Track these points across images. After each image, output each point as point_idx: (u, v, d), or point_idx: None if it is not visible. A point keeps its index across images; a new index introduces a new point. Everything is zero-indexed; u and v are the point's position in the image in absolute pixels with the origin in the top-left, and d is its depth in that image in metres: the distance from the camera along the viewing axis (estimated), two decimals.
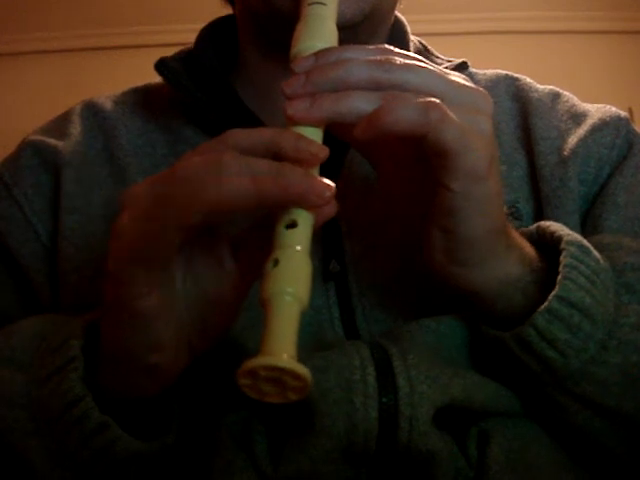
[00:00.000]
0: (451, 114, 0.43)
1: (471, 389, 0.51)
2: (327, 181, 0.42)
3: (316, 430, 0.48)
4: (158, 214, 0.41)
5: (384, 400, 0.48)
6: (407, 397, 0.48)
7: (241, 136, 0.43)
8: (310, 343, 0.53)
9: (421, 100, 0.43)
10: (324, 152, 0.42)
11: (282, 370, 0.37)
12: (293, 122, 0.45)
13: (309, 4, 0.52)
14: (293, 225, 0.42)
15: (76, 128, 0.68)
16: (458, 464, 0.50)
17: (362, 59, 0.45)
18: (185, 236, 0.42)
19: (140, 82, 0.74)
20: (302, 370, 0.38)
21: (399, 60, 0.45)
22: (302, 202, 0.41)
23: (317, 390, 0.47)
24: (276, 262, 0.40)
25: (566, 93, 0.71)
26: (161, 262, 0.42)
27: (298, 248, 0.41)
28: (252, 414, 0.50)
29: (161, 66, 0.67)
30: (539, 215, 0.62)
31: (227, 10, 0.74)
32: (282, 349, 0.38)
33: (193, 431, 0.51)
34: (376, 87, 0.44)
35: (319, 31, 0.50)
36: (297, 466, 0.48)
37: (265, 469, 0.48)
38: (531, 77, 0.74)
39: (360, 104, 0.44)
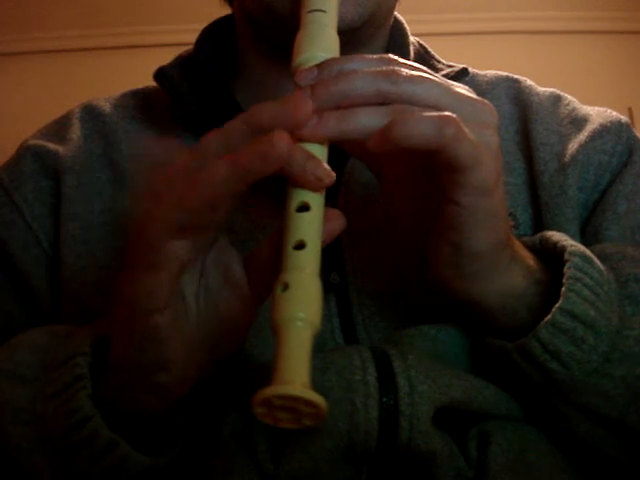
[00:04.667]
0: (465, 129, 0.42)
1: (471, 391, 0.51)
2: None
3: (317, 430, 0.48)
4: (154, 217, 0.41)
5: (384, 400, 0.48)
6: (407, 397, 0.48)
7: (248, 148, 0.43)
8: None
9: (436, 114, 0.42)
10: (330, 178, 0.42)
11: (296, 399, 0.37)
12: (298, 139, 0.44)
13: (309, 11, 0.52)
14: (301, 246, 0.41)
15: (76, 132, 0.68)
16: (458, 464, 0.50)
17: (366, 71, 0.44)
18: (188, 241, 0.42)
19: (140, 82, 0.74)
20: (316, 398, 0.38)
21: (405, 71, 0.44)
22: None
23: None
24: (285, 286, 0.40)
25: (567, 96, 0.71)
26: (170, 269, 0.42)
27: (307, 270, 0.40)
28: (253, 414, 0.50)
29: (160, 76, 0.67)
30: (538, 222, 0.62)
31: (227, 10, 0.73)
32: (295, 377, 0.37)
33: (195, 431, 0.51)
34: (382, 99, 0.44)
35: (320, 40, 0.50)
36: (298, 465, 0.48)
37: (266, 468, 0.48)
38: (531, 77, 0.73)
39: (366, 121, 0.43)
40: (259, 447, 0.49)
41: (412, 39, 0.72)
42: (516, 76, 0.73)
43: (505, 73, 0.73)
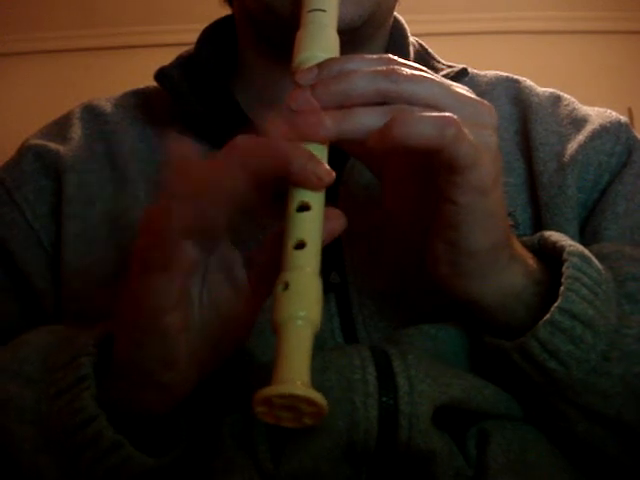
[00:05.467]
0: (465, 130, 0.43)
1: (470, 390, 0.51)
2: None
3: (317, 429, 0.48)
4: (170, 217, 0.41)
5: (384, 399, 0.48)
6: (407, 396, 0.48)
7: (251, 145, 0.43)
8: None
9: (437, 115, 0.43)
10: (330, 177, 0.42)
11: (297, 398, 0.37)
12: (298, 139, 0.44)
13: (309, 11, 0.52)
14: (302, 245, 0.41)
15: (77, 132, 0.68)
16: (457, 463, 0.50)
17: (366, 70, 0.45)
18: (197, 241, 0.42)
19: (140, 82, 0.74)
20: (317, 396, 0.38)
21: (405, 71, 0.45)
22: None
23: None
24: (286, 285, 0.40)
25: (567, 96, 0.71)
26: (185, 269, 0.43)
27: (308, 269, 0.40)
28: (255, 416, 0.50)
29: (160, 76, 0.67)
30: (537, 222, 0.62)
31: (227, 10, 0.74)
32: (296, 376, 0.38)
33: (195, 431, 0.51)
34: (382, 99, 0.44)
35: (320, 39, 0.50)
36: (298, 464, 0.48)
37: (266, 468, 0.48)
38: (531, 77, 0.73)
39: (366, 121, 0.43)
40: (259, 447, 0.49)
41: (412, 39, 0.73)
42: (516, 76, 0.73)
43: (505, 73, 0.73)
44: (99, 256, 0.61)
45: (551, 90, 0.71)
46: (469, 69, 0.70)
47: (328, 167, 0.43)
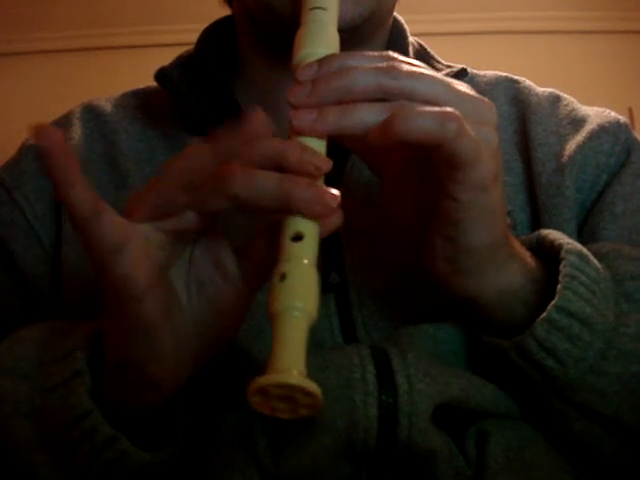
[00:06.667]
0: (467, 126, 0.43)
1: (469, 389, 0.51)
2: (332, 190, 0.42)
3: (316, 427, 0.48)
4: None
5: (384, 398, 0.48)
6: (406, 394, 0.49)
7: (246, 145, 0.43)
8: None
9: (438, 110, 0.43)
10: (328, 165, 0.42)
11: (292, 387, 0.37)
12: (298, 133, 0.44)
13: (310, 9, 0.52)
14: (299, 237, 0.41)
15: (77, 132, 0.68)
16: (457, 463, 0.50)
17: (367, 66, 0.45)
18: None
19: (140, 82, 0.75)
20: (312, 387, 0.38)
21: (405, 67, 0.45)
22: (307, 211, 0.41)
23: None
24: (283, 276, 0.40)
25: (566, 96, 0.71)
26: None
27: (305, 261, 0.41)
28: (253, 412, 0.50)
29: (161, 76, 0.67)
30: (535, 222, 0.62)
31: (227, 11, 0.74)
32: (292, 366, 0.38)
33: (195, 429, 0.51)
34: (383, 95, 0.44)
35: (320, 37, 0.50)
36: (298, 463, 0.48)
37: (266, 465, 0.48)
38: (530, 77, 0.74)
39: (366, 116, 0.43)
40: (259, 444, 0.49)
41: (411, 39, 0.73)
42: (515, 76, 0.73)
43: (504, 73, 0.73)
44: None
45: (550, 90, 0.71)
46: (468, 69, 0.70)
47: (325, 156, 0.43)
